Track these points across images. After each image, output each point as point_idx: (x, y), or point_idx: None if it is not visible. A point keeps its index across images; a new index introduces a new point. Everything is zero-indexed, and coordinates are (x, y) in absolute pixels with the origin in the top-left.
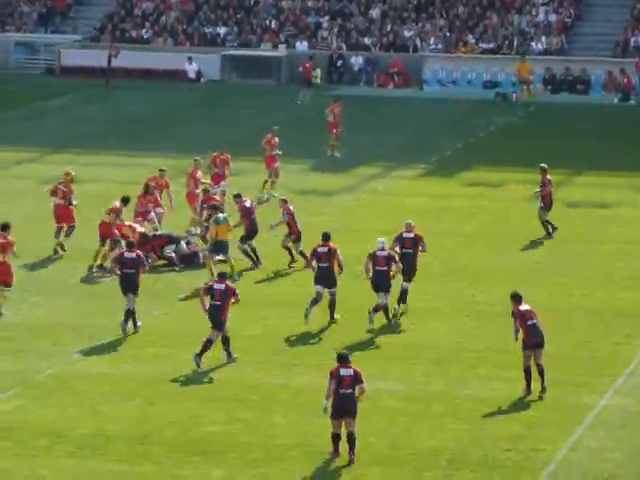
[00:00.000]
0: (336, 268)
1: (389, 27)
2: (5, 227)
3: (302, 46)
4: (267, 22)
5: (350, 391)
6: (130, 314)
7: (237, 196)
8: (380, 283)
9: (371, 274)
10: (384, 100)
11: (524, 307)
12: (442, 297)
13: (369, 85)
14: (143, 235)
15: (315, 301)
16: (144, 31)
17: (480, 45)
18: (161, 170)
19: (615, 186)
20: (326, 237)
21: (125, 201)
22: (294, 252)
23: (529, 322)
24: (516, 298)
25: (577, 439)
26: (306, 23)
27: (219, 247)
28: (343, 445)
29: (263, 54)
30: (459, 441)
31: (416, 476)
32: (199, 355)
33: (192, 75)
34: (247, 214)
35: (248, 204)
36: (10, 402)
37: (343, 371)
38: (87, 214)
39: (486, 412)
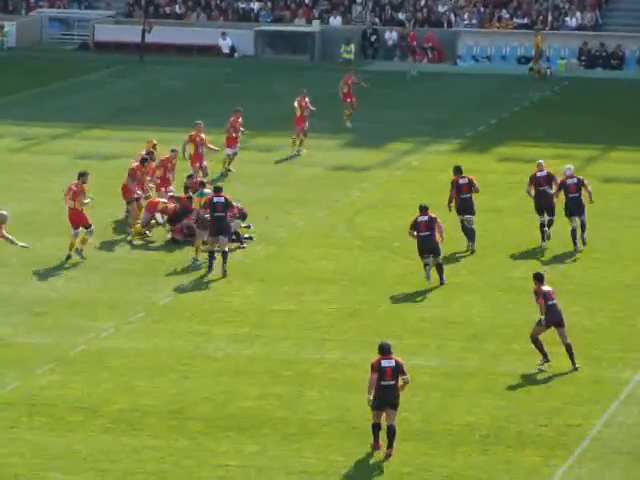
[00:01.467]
0: (437, 236)
1: (423, 2)
2: (82, 175)
3: (336, 21)
4: None
5: (392, 382)
6: (224, 255)
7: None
8: (573, 209)
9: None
10: (418, 75)
11: (546, 288)
12: (476, 273)
13: (403, 60)
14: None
15: (426, 266)
16: (177, 6)
17: (514, 20)
18: (172, 150)
19: None
20: (424, 208)
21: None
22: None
23: (549, 302)
24: (539, 278)
25: (611, 415)
26: None
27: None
28: (383, 437)
29: (297, 29)
30: (494, 417)
31: (450, 451)
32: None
33: (226, 50)
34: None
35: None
36: (45, 377)
37: (385, 362)
38: (119, 189)
39: (521, 388)
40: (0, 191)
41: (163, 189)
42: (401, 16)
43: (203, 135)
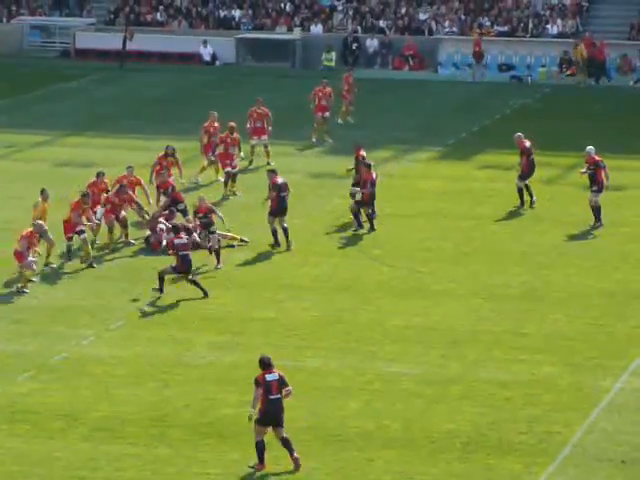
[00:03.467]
0: None
1: (404, 10)
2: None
3: (317, 29)
4: (282, 5)
5: (278, 396)
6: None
7: (271, 171)
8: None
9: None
10: (399, 83)
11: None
12: (458, 280)
13: (384, 68)
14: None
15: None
16: (158, 14)
17: (495, 28)
18: (128, 167)
19: (630, 168)
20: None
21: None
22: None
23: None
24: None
25: (593, 422)
26: (321, 6)
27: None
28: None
29: (278, 37)
30: (475, 424)
31: (431, 459)
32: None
33: (207, 58)
34: (277, 190)
35: (280, 180)
36: (26, 385)
37: (269, 376)
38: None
39: (502, 395)
40: None
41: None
42: (382, 24)
43: (217, 124)
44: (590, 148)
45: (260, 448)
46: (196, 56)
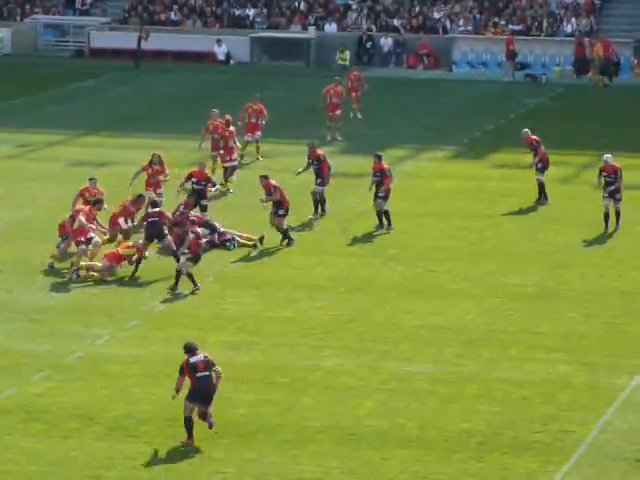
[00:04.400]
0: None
1: (418, 9)
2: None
3: (331, 28)
4: (296, 4)
5: (206, 373)
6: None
7: (264, 177)
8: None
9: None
10: (413, 82)
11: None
12: (473, 279)
13: (398, 67)
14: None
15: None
16: (173, 13)
17: (509, 27)
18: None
19: None
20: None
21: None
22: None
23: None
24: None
25: (608, 421)
26: (335, 5)
27: None
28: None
29: (292, 36)
30: (490, 423)
31: (446, 458)
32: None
33: (221, 57)
34: (278, 190)
35: (274, 182)
36: (41, 384)
37: (193, 359)
38: (117, 197)
39: (517, 394)
40: None
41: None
42: (396, 22)
43: (218, 122)
44: (608, 156)
45: (188, 424)
46: (210, 55)
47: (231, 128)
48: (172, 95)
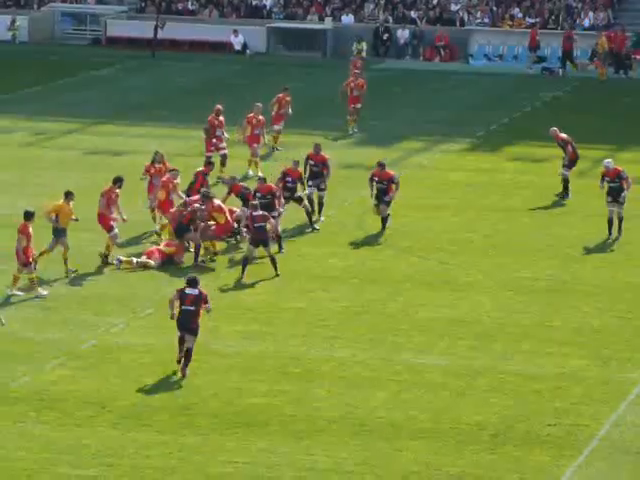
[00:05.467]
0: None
1: (436, 1)
2: (27, 215)
3: (348, 19)
4: None
5: (192, 308)
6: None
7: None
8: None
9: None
10: (430, 74)
11: None
12: (486, 272)
13: (415, 59)
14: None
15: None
16: (190, 3)
17: (527, 20)
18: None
19: None
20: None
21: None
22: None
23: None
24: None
25: (620, 415)
26: None
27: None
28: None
29: (309, 27)
30: (502, 416)
31: (458, 450)
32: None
33: (238, 47)
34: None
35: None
36: (54, 372)
37: (188, 290)
38: (135, 187)
39: (530, 388)
40: (11, 186)
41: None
42: (413, 14)
43: (261, 117)
44: (608, 161)
45: (180, 344)
46: (227, 45)
47: (221, 118)
48: (188, 85)
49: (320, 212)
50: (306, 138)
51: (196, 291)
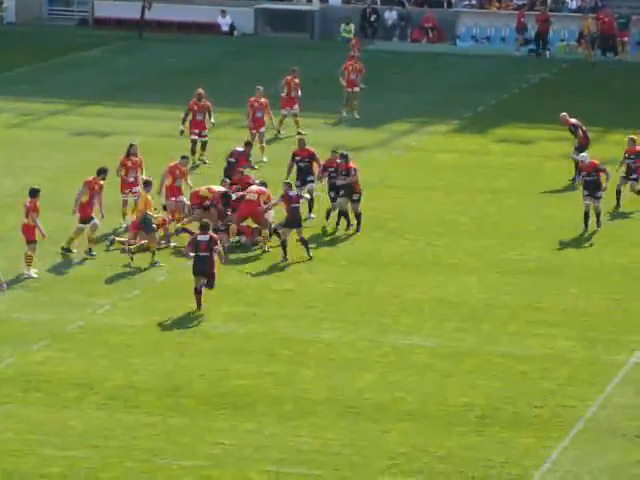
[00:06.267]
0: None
1: None
2: (34, 192)
3: (335, 0)
4: None
5: (206, 254)
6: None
7: (343, 156)
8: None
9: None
10: (417, 55)
11: None
12: (473, 254)
13: (402, 40)
14: (225, 195)
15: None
16: None
17: (514, 1)
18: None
19: None
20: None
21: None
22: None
23: None
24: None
25: (607, 397)
26: None
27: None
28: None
29: (297, 8)
30: (489, 397)
31: (446, 431)
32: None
33: (225, 28)
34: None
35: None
36: (41, 353)
37: (200, 237)
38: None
39: (517, 369)
40: None
41: (173, 199)
42: None
43: (263, 100)
44: (584, 155)
45: (196, 294)
46: (214, 26)
47: (203, 102)
48: (175, 66)
49: (310, 209)
50: (291, 119)
51: (207, 237)
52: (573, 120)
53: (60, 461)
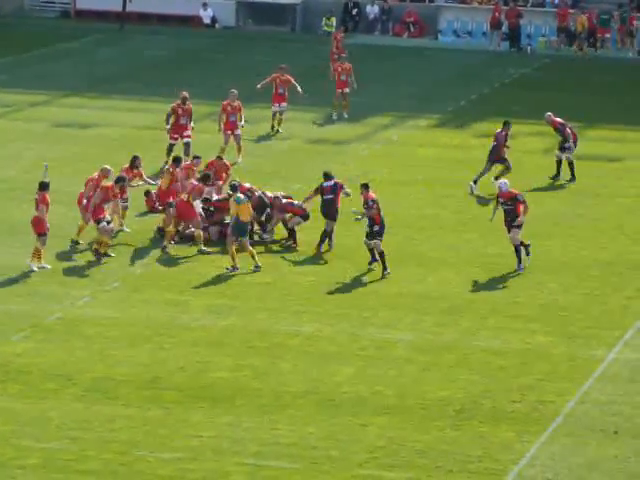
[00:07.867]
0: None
1: None
2: (44, 186)
3: None
4: None
5: (331, 197)
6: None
7: (365, 187)
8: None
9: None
10: (399, 50)
11: None
12: (453, 248)
13: (384, 34)
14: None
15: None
16: None
17: None
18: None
19: (628, 140)
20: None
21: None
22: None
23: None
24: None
25: (586, 392)
26: None
27: (240, 229)
28: None
29: (278, 1)
30: (468, 392)
31: (424, 426)
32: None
33: (207, 21)
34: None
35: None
36: (19, 344)
37: (325, 183)
38: (103, 159)
39: (496, 364)
40: None
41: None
42: None
43: (236, 103)
44: (503, 182)
45: (323, 236)
46: (196, 19)
47: (187, 105)
48: (156, 58)
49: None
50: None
51: (332, 182)
52: (559, 119)
53: (38, 452)
